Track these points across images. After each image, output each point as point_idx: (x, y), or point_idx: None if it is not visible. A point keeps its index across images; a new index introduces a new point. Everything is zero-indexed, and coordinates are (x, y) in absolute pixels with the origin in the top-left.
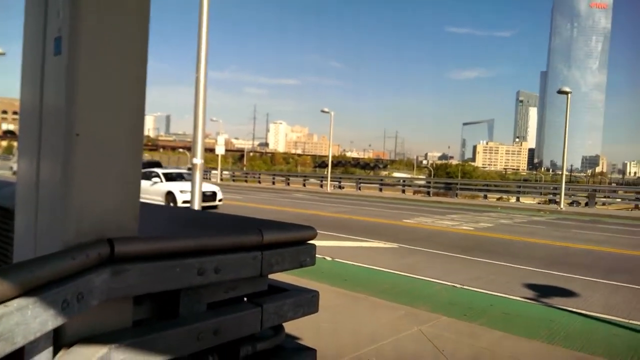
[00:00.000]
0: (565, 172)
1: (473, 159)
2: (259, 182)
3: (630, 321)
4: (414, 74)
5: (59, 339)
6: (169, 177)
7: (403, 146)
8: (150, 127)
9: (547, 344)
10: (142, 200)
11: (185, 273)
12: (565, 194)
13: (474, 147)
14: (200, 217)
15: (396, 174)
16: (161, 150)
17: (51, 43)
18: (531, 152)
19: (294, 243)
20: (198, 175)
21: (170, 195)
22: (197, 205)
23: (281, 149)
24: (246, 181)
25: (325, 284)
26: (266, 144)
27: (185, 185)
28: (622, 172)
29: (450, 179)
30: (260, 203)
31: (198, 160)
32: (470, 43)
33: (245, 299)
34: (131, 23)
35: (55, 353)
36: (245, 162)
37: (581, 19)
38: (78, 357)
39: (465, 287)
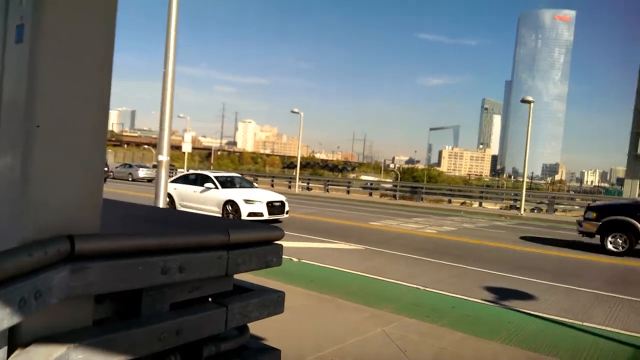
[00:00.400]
0: (526, 179)
1: (439, 164)
2: None
3: (584, 323)
4: (384, 78)
5: (14, 338)
6: (225, 183)
7: (371, 149)
8: (114, 122)
9: (506, 344)
10: (191, 210)
11: (149, 272)
12: (525, 201)
13: (440, 152)
14: (167, 215)
15: (364, 177)
16: (125, 146)
17: (13, 30)
18: (494, 158)
19: (261, 243)
20: (163, 173)
21: (230, 206)
22: (161, 204)
23: (250, 148)
24: None
25: (292, 285)
26: (234, 143)
27: (251, 193)
28: (580, 180)
29: (416, 183)
30: None
31: (164, 157)
32: (439, 50)
33: (210, 299)
34: (98, 12)
35: (10, 353)
36: (212, 161)
37: (545, 31)
38: (34, 357)
39: (428, 289)
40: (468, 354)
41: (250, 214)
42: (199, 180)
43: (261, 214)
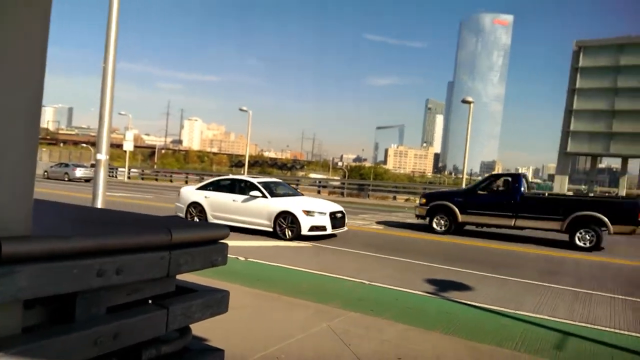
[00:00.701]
0: (465, 176)
1: (385, 162)
2: (171, 181)
3: (517, 312)
4: (333, 78)
5: None
6: (273, 190)
7: (320, 148)
8: (49, 120)
9: (445, 334)
10: (231, 224)
11: (83, 275)
12: None
13: (386, 151)
14: (105, 215)
15: (313, 175)
16: (62, 144)
17: None
18: (437, 156)
19: (205, 242)
20: (102, 173)
21: (284, 218)
22: (99, 204)
23: (196, 147)
24: (157, 180)
25: (238, 284)
26: (180, 142)
27: (309, 203)
28: None
29: (363, 181)
30: (171, 203)
31: (102, 156)
32: (386, 51)
33: (150, 301)
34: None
35: None
36: (156, 160)
37: (485, 35)
38: None
39: (373, 283)
40: (409, 344)
41: (312, 228)
42: (238, 187)
43: (324, 228)
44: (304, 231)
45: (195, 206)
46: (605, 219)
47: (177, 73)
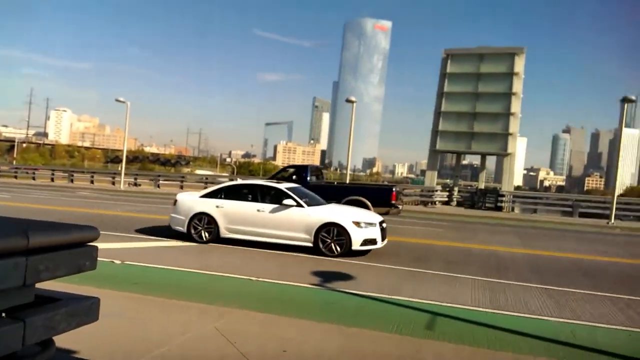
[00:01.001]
0: (349, 172)
1: (274, 158)
2: (34, 178)
3: (395, 297)
4: (221, 71)
5: None
6: (303, 197)
7: (207, 143)
8: None
9: (330, 323)
10: (254, 239)
11: None
12: None
13: (275, 147)
14: None
15: (199, 171)
16: None
17: None
18: (323, 153)
19: (71, 245)
20: None
21: (329, 231)
22: None
23: (65, 140)
24: (16, 177)
25: (112, 289)
26: (45, 134)
27: (354, 213)
28: (393, 172)
29: (252, 177)
30: (34, 203)
31: None
32: (275, 48)
33: (3, 314)
34: None
35: None
36: (15, 155)
37: (367, 38)
38: None
39: (260, 279)
40: (295, 337)
41: (364, 242)
42: (261, 194)
43: (375, 241)
44: (355, 245)
45: (202, 218)
46: (368, 202)
47: (44, 57)
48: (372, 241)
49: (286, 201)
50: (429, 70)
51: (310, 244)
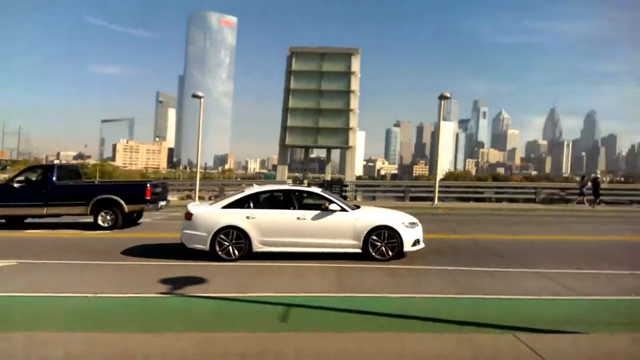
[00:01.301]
0: (200, 170)
1: (113, 158)
2: None
3: (251, 295)
4: (46, 62)
5: None
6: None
7: (28, 144)
8: None
9: (180, 332)
10: (296, 249)
11: None
12: (200, 190)
13: (114, 146)
14: None
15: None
16: None
17: None
18: (171, 151)
19: None
20: None
21: (380, 234)
22: None
23: None
24: None
25: None
26: None
27: (401, 215)
28: (245, 168)
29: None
30: None
31: None
32: (109, 37)
33: None
34: None
35: None
36: None
37: (213, 33)
38: None
39: (98, 295)
40: (140, 351)
41: (415, 243)
42: (297, 200)
43: (419, 241)
44: (407, 247)
45: (230, 232)
46: (121, 201)
47: None
48: (418, 242)
49: (332, 206)
50: (277, 67)
51: (358, 250)
